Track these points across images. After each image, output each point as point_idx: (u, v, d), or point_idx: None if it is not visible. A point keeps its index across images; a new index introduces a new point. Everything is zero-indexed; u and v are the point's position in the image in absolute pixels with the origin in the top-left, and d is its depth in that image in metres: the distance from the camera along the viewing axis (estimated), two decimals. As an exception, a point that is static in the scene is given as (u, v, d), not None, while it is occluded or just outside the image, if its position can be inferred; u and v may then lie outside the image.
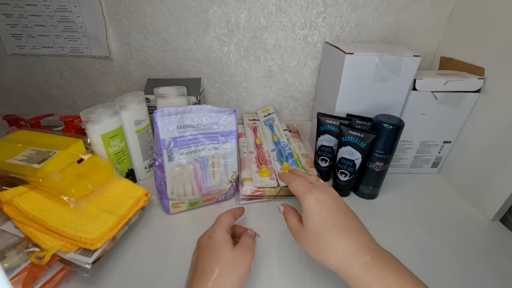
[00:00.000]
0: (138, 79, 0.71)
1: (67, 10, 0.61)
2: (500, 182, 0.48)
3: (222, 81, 0.71)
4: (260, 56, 0.68)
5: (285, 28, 0.64)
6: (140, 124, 0.53)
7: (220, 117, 0.44)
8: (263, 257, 0.42)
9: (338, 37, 0.65)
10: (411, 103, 0.54)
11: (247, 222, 0.48)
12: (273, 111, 0.72)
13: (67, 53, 0.66)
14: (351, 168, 0.51)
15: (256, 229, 0.39)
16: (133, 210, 0.43)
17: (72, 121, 0.55)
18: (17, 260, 0.34)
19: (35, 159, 0.42)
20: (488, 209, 0.51)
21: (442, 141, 0.59)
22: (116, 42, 0.66)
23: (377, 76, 0.51)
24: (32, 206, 0.38)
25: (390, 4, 0.62)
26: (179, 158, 0.43)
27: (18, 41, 0.64)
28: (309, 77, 0.71)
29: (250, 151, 0.59)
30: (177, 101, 0.55)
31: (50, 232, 0.36)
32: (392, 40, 0.66)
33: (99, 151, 0.48)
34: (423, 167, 0.63)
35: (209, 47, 0.66)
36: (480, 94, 0.53)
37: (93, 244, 0.36)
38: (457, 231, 0.48)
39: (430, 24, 0.64)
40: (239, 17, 0.63)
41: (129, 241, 0.43)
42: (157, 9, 0.62)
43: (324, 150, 0.56)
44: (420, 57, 0.50)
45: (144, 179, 0.58)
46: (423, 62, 0.65)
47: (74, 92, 0.73)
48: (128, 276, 0.38)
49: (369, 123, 0.51)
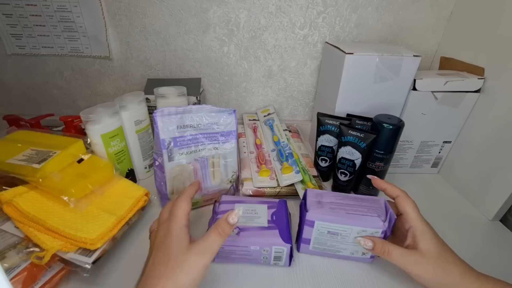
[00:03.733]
0: (138, 79, 0.71)
1: (67, 10, 0.61)
2: (500, 182, 0.48)
3: (222, 81, 0.71)
4: (260, 56, 0.68)
5: (285, 28, 0.64)
6: (140, 124, 0.53)
7: (220, 117, 0.44)
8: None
9: (338, 37, 0.65)
10: (411, 103, 0.54)
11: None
12: (273, 111, 0.72)
13: (67, 53, 0.66)
14: (351, 168, 0.51)
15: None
16: (133, 210, 0.43)
17: (72, 121, 0.55)
18: (17, 260, 0.34)
19: (35, 159, 0.42)
20: (488, 209, 0.51)
21: (442, 141, 0.59)
22: (116, 42, 0.66)
23: (377, 76, 0.51)
24: (32, 206, 0.38)
25: (390, 4, 0.62)
26: (179, 158, 0.43)
27: (18, 41, 0.64)
28: (309, 77, 0.71)
29: (250, 151, 0.59)
30: (177, 101, 0.55)
31: (50, 232, 0.36)
32: (392, 40, 0.66)
33: (99, 151, 0.48)
34: (423, 167, 0.63)
35: (209, 47, 0.66)
36: (480, 94, 0.53)
37: (93, 244, 0.36)
38: (457, 231, 0.48)
39: (430, 24, 0.64)
40: (239, 17, 0.63)
41: (129, 241, 0.43)
42: (157, 9, 0.62)
43: (324, 150, 0.56)
44: (420, 57, 0.50)
45: (144, 179, 0.58)
46: (423, 62, 0.65)
47: (74, 92, 0.73)
48: (128, 276, 0.38)
49: (369, 123, 0.51)
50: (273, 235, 0.38)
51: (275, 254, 0.38)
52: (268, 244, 0.37)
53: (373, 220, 0.35)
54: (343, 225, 0.36)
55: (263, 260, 0.39)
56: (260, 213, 0.41)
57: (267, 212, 0.41)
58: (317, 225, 0.37)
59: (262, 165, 0.55)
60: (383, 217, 0.35)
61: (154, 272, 0.29)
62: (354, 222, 0.36)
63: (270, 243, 0.37)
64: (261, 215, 0.40)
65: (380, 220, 0.35)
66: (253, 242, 0.37)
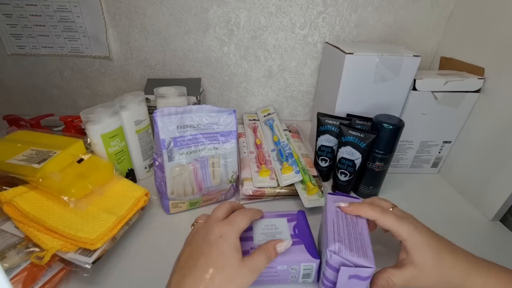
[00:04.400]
0: (138, 79, 0.71)
1: (67, 10, 0.61)
2: (500, 182, 0.48)
3: (222, 81, 0.71)
4: (260, 56, 0.68)
5: (285, 28, 0.64)
6: (140, 124, 0.53)
7: (220, 117, 0.44)
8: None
9: (338, 37, 0.65)
10: (411, 103, 0.54)
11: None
12: (273, 111, 0.72)
13: (67, 53, 0.66)
14: (351, 168, 0.51)
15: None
16: (133, 210, 0.43)
17: (72, 121, 0.55)
18: (17, 260, 0.34)
19: (35, 159, 0.42)
20: (488, 209, 0.51)
21: (442, 141, 0.59)
22: (116, 42, 0.66)
23: (377, 76, 0.51)
24: (32, 206, 0.38)
25: (390, 4, 0.62)
26: (179, 158, 0.43)
27: (18, 41, 0.64)
28: (309, 77, 0.71)
29: (250, 151, 0.59)
30: (177, 101, 0.55)
31: (50, 232, 0.36)
32: (392, 40, 0.66)
33: (99, 151, 0.48)
34: (423, 167, 0.63)
35: (209, 47, 0.66)
36: (480, 94, 0.53)
37: (93, 244, 0.36)
38: (457, 231, 0.48)
39: (430, 24, 0.64)
40: (239, 17, 0.63)
41: (129, 241, 0.43)
42: (157, 9, 0.62)
43: (324, 150, 0.56)
44: (420, 57, 0.50)
45: (144, 179, 0.58)
46: (423, 62, 0.65)
47: (74, 92, 0.73)
48: (128, 276, 0.38)
49: (369, 123, 0.51)
50: (299, 251, 0.35)
51: (303, 271, 0.35)
52: (296, 261, 0.34)
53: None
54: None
55: (292, 279, 0.36)
56: (281, 228, 0.38)
57: (288, 225, 0.38)
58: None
59: (262, 165, 0.55)
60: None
61: (203, 272, 0.27)
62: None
63: (298, 260, 0.34)
64: (282, 229, 0.38)
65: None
66: (280, 261, 0.34)
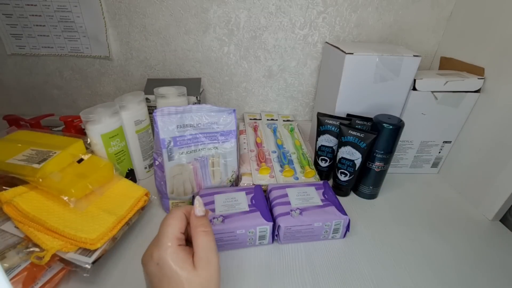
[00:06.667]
0: (138, 79, 0.71)
1: (67, 10, 0.61)
2: (500, 182, 0.48)
3: (222, 81, 0.71)
4: (260, 56, 0.68)
5: (285, 28, 0.64)
6: (140, 124, 0.53)
7: (220, 117, 0.44)
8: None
9: (338, 37, 0.65)
10: (411, 103, 0.54)
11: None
12: (276, 118, 0.72)
13: (67, 53, 0.66)
14: (351, 168, 0.51)
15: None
16: (133, 210, 0.43)
17: (72, 121, 0.55)
18: (17, 260, 0.34)
19: (35, 159, 0.42)
20: (488, 209, 0.50)
21: (442, 141, 0.59)
22: (116, 42, 0.66)
23: (377, 76, 0.51)
24: (32, 206, 0.38)
25: (390, 4, 0.62)
26: (179, 157, 0.43)
27: (18, 41, 0.64)
28: (309, 77, 0.71)
29: (251, 149, 0.59)
30: (177, 101, 0.55)
31: (50, 232, 0.36)
32: (392, 40, 0.66)
33: (99, 151, 0.48)
34: (423, 167, 0.63)
35: (209, 47, 0.66)
36: (480, 94, 0.53)
37: (93, 244, 0.36)
38: (457, 231, 0.48)
39: (430, 24, 0.64)
40: (239, 17, 0.63)
41: (129, 241, 0.43)
42: (157, 9, 0.62)
43: (324, 150, 0.56)
44: (420, 57, 0.50)
45: (144, 179, 0.58)
46: (423, 62, 0.65)
47: (74, 92, 0.73)
48: (128, 276, 0.38)
49: (369, 123, 0.51)
50: (255, 217, 0.41)
51: (260, 233, 0.41)
52: (253, 225, 0.40)
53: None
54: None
55: (249, 242, 0.42)
56: (240, 200, 0.44)
57: (246, 197, 0.45)
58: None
59: (262, 163, 0.55)
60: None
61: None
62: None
63: (254, 224, 0.40)
64: (241, 201, 0.44)
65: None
66: (238, 226, 0.40)
